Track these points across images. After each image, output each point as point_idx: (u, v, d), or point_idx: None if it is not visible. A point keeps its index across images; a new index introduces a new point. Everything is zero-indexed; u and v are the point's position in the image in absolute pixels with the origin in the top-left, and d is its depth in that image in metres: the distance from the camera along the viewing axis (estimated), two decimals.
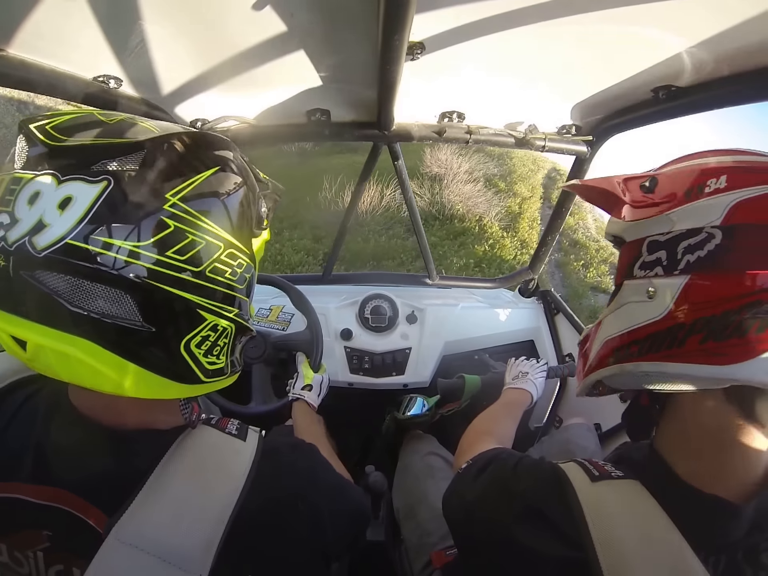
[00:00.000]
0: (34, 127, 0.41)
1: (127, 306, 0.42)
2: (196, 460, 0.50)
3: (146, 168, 0.42)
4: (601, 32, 0.72)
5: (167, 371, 0.47)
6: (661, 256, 0.45)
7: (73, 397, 0.52)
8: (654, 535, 0.44)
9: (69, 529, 0.47)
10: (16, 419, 0.52)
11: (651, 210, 0.47)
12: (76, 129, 0.43)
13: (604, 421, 1.36)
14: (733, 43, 0.71)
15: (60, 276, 0.39)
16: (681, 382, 0.45)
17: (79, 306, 0.40)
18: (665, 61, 0.81)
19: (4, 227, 0.40)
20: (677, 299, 0.43)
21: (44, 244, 0.39)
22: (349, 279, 1.90)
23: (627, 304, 0.50)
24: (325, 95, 1.09)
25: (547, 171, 10.90)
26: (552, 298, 1.78)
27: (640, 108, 1.03)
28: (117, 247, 0.40)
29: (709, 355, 0.41)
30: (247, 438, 0.55)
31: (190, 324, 0.47)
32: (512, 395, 1.10)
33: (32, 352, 0.41)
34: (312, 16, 0.71)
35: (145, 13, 0.69)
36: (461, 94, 1.09)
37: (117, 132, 0.44)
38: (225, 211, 0.48)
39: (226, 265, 0.48)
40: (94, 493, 0.47)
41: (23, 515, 0.47)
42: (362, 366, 1.60)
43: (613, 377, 0.53)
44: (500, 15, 0.69)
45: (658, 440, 0.54)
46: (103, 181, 0.40)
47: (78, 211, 0.39)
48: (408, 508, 1.17)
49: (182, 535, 0.44)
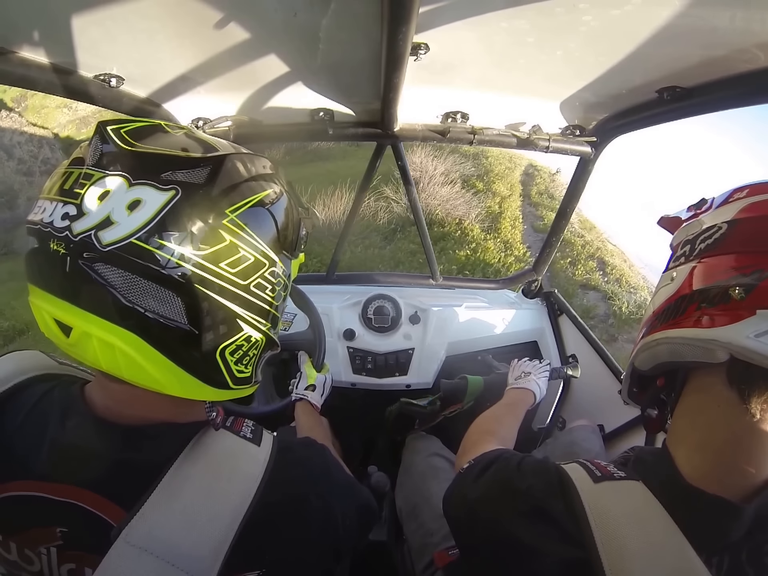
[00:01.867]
0: (110, 129, 0.45)
1: (176, 307, 0.45)
2: (210, 466, 0.50)
3: (210, 183, 0.46)
4: (606, 32, 0.72)
5: (200, 373, 0.49)
6: (686, 249, 0.54)
7: (90, 393, 0.53)
8: (656, 536, 0.45)
9: (84, 526, 0.47)
10: (32, 415, 0.52)
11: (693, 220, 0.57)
12: (145, 135, 0.46)
13: (607, 423, 1.36)
14: (740, 43, 0.70)
15: (119, 271, 0.42)
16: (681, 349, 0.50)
17: (132, 301, 0.43)
18: (670, 62, 0.81)
19: (70, 218, 0.42)
20: (686, 278, 0.51)
21: (109, 240, 0.41)
22: (352, 279, 1.90)
23: (660, 290, 0.57)
24: (328, 95, 1.09)
25: (524, 168, 10.85)
26: (555, 299, 1.78)
27: (645, 109, 1.02)
28: (176, 252, 0.43)
29: (700, 320, 0.47)
30: (262, 442, 0.56)
31: (229, 332, 0.50)
32: (515, 395, 1.10)
33: (76, 338, 0.44)
34: (315, 15, 0.70)
35: (146, 11, 0.69)
36: (465, 94, 1.09)
37: (182, 144, 0.47)
38: (273, 232, 0.52)
39: (267, 282, 0.52)
40: (110, 489, 0.47)
41: (37, 512, 0.47)
42: (365, 366, 1.60)
43: (639, 356, 0.59)
44: (504, 15, 0.69)
45: (670, 436, 0.55)
46: (172, 190, 0.43)
47: (146, 215, 0.42)
48: (411, 508, 1.17)
49: (193, 541, 0.44)
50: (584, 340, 1.57)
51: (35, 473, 0.48)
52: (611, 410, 1.36)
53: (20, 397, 0.54)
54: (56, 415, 0.51)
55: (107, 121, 0.46)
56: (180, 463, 0.49)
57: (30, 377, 0.56)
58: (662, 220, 0.67)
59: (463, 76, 0.96)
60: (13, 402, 0.53)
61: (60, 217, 0.42)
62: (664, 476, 0.51)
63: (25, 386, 0.55)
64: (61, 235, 0.42)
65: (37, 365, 0.59)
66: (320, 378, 1.23)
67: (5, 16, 0.66)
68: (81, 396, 0.53)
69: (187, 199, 0.44)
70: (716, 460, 0.48)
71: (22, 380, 0.55)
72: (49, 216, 0.43)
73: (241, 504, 0.48)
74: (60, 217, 0.42)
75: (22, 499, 0.47)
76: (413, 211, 1.73)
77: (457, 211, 7.39)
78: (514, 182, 9.74)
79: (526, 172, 10.68)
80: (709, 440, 0.49)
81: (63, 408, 0.52)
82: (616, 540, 0.44)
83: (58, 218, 0.43)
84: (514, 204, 8.60)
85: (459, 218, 7.37)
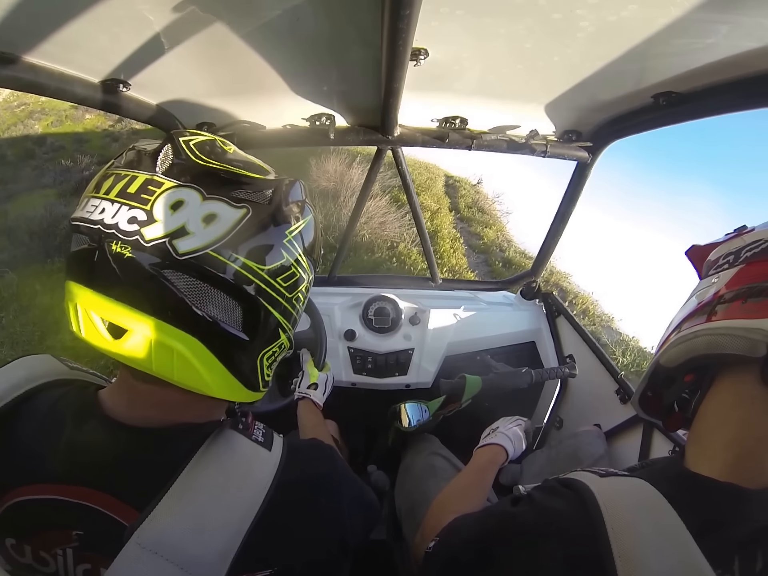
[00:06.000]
0: (183, 140, 0.48)
1: (236, 315, 0.49)
2: (223, 470, 0.50)
3: (274, 204, 0.50)
4: (603, 37, 0.73)
5: (243, 377, 0.53)
6: (730, 258, 0.56)
7: (106, 397, 0.54)
8: (662, 524, 0.45)
9: (100, 528, 0.47)
10: (46, 420, 0.53)
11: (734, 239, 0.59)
12: (209, 151, 0.50)
13: (604, 422, 1.36)
14: (734, 48, 0.71)
15: (189, 279, 0.45)
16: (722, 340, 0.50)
17: (199, 307, 0.46)
18: (665, 67, 0.82)
19: (139, 222, 0.44)
20: (731, 278, 0.53)
21: (186, 249, 0.44)
22: (354, 281, 1.91)
23: (697, 293, 0.58)
24: (329, 100, 1.10)
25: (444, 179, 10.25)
26: (553, 300, 1.79)
27: (641, 114, 1.04)
28: (245, 265, 0.47)
29: (747, 312, 0.48)
30: (273, 447, 0.56)
31: (272, 339, 0.54)
32: (482, 456, 1.06)
33: (129, 340, 0.46)
34: (317, 21, 0.72)
35: (152, 17, 0.70)
36: (464, 99, 1.10)
37: (239, 163, 0.51)
38: (313, 251, 0.58)
39: (302, 295, 0.58)
40: (125, 491, 0.48)
41: (54, 515, 0.48)
42: (365, 366, 1.61)
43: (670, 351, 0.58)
44: (503, 21, 0.70)
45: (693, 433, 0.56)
46: (243, 209, 0.47)
47: (222, 228, 0.46)
48: (410, 507, 1.17)
49: (203, 545, 0.45)
50: (581, 341, 1.58)
51: (51, 477, 0.48)
52: (608, 410, 1.38)
53: (34, 402, 0.55)
54: (72, 419, 0.52)
55: (180, 132, 0.50)
56: (193, 466, 0.49)
57: (43, 383, 0.57)
58: (693, 249, 0.67)
59: (462, 82, 0.97)
60: (27, 407, 0.54)
61: (126, 221, 0.44)
62: (672, 473, 0.51)
63: (38, 391, 0.56)
64: (130, 239, 0.43)
65: (49, 370, 0.60)
66: (322, 377, 1.24)
67: (13, 22, 0.67)
68: (96, 400, 0.54)
69: (256, 218, 0.48)
70: (746, 456, 0.48)
71: (35, 386, 0.56)
72: (112, 217, 0.44)
73: (251, 507, 0.48)
74: (126, 221, 0.44)
75: (38, 502, 0.48)
76: (413, 215, 1.74)
77: (388, 232, 6.26)
78: (440, 194, 9.26)
79: (446, 183, 10.22)
80: (739, 437, 0.48)
81: (78, 412, 0.53)
82: (627, 527, 0.44)
83: (124, 221, 0.44)
84: (447, 220, 7.94)
85: (391, 241, 6.24)
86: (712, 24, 0.66)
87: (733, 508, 0.46)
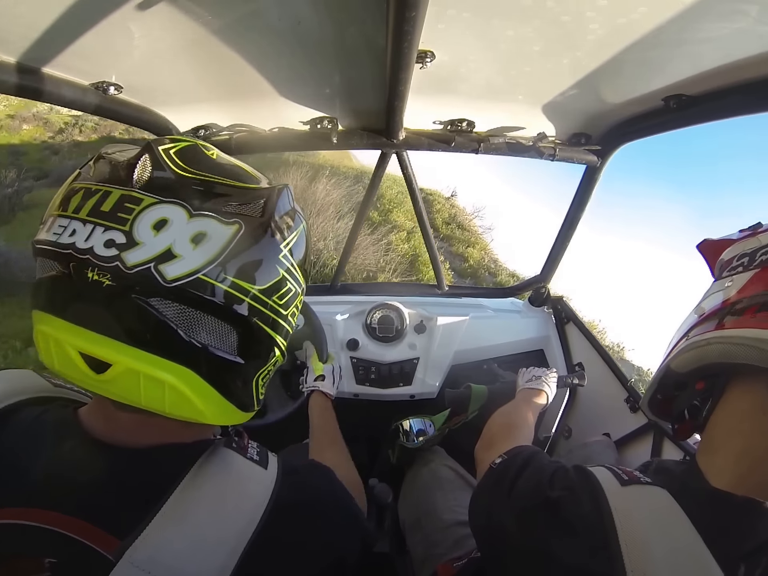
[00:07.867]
0: (162, 149, 0.43)
1: (231, 339, 0.45)
2: (218, 488, 0.48)
3: (267, 217, 0.46)
4: (613, 40, 0.72)
5: (237, 400, 0.50)
6: (744, 260, 0.55)
7: (87, 417, 0.50)
8: (679, 542, 0.45)
9: (74, 556, 0.44)
10: (22, 440, 0.49)
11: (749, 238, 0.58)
12: (190, 158, 0.44)
13: (613, 431, 1.35)
14: (746, 51, 0.70)
15: (179, 306, 0.41)
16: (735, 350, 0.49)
17: (191, 336, 0.42)
18: (676, 70, 0.81)
19: (117, 246, 0.39)
20: (745, 283, 0.52)
21: (175, 275, 0.39)
22: (357, 290, 1.88)
23: (711, 295, 0.57)
24: (332, 102, 1.08)
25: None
26: (563, 306, 1.75)
27: (651, 117, 1.02)
28: (239, 287, 0.43)
29: (759, 321, 0.47)
30: (269, 465, 0.54)
31: (267, 358, 0.51)
32: (529, 394, 1.12)
33: (114, 375, 0.41)
34: (319, 24, 0.70)
35: (145, 19, 0.68)
36: (471, 102, 1.08)
37: (225, 170, 0.46)
38: (304, 262, 0.53)
39: (297, 308, 0.54)
40: (104, 517, 0.44)
41: (24, 541, 0.45)
42: (368, 377, 1.58)
43: (681, 356, 0.57)
44: (511, 22, 0.68)
45: (703, 443, 0.55)
46: (235, 224, 0.43)
47: (213, 249, 0.41)
48: (415, 519, 1.15)
49: (199, 564, 0.43)
50: (591, 348, 1.55)
51: (21, 500, 0.44)
52: (618, 419, 1.35)
53: (10, 420, 0.51)
54: (49, 440, 0.49)
55: (159, 140, 0.44)
56: (186, 484, 0.47)
57: (21, 399, 0.54)
58: (705, 243, 0.66)
59: (468, 84, 0.96)
60: (3, 425, 0.50)
61: (103, 244, 0.39)
62: (689, 484, 0.50)
63: (16, 409, 0.52)
64: (109, 265, 0.38)
65: (29, 386, 0.56)
66: (327, 368, 1.22)
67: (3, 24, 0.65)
68: (75, 419, 0.50)
69: (249, 233, 0.43)
70: (757, 467, 0.47)
71: (12, 402, 0.52)
72: (85, 240, 0.39)
73: (247, 527, 0.46)
74: (103, 244, 0.39)
75: (6, 527, 0.44)
76: (418, 221, 1.72)
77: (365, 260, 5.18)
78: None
79: None
80: (751, 448, 0.48)
81: (56, 432, 0.49)
82: (640, 544, 0.44)
83: (100, 245, 0.39)
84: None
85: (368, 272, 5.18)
86: (722, 26, 0.64)
87: (747, 523, 0.46)
